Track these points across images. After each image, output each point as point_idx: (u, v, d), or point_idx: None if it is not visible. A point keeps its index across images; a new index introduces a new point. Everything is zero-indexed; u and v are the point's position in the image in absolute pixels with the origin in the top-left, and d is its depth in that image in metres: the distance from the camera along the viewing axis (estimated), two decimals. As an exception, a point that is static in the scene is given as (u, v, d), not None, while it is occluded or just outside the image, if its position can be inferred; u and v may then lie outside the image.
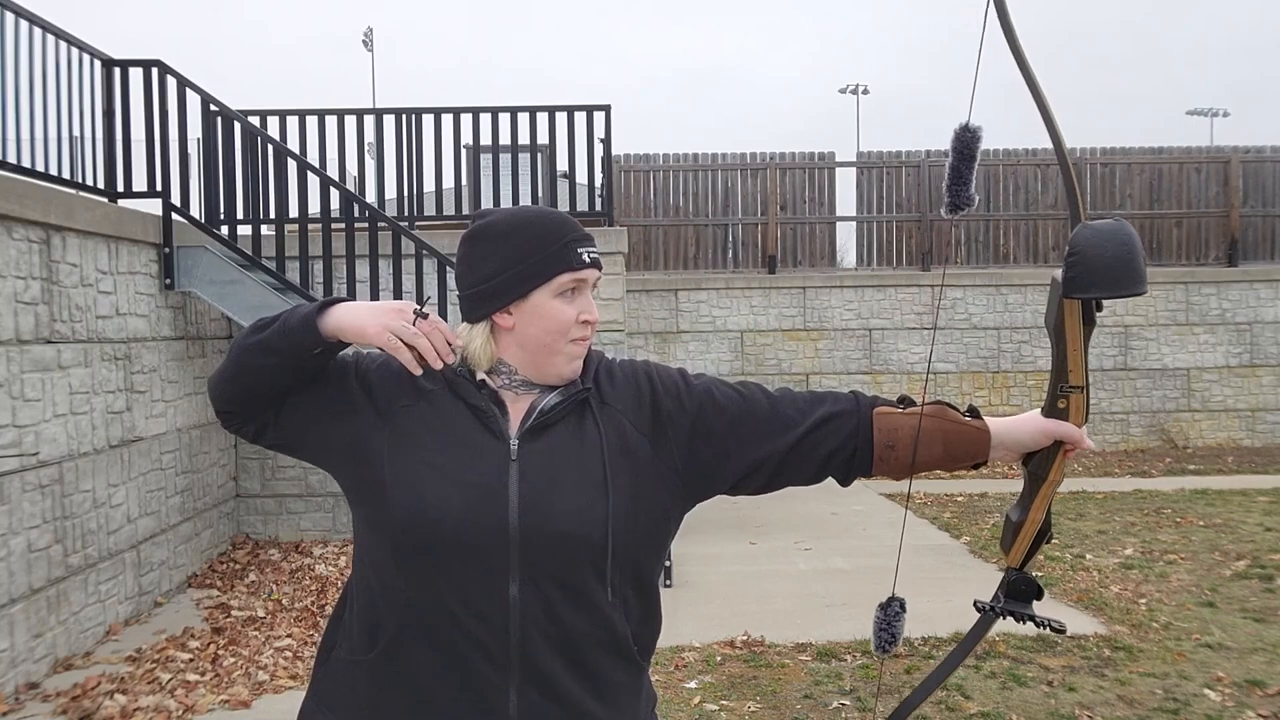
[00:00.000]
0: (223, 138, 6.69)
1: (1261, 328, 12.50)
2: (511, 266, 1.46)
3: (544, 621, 1.42)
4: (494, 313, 1.48)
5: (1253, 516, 8.16)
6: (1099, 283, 1.42)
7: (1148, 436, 12.44)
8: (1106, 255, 1.42)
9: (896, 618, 1.60)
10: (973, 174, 1.50)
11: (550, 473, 1.44)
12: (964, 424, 1.56)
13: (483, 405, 1.48)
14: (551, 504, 1.42)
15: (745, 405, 1.55)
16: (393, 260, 6.71)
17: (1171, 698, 4.36)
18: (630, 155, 12.70)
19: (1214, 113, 42.42)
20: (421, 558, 1.42)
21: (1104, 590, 6.04)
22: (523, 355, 1.49)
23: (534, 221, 1.49)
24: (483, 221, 1.52)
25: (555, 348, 1.48)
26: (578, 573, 1.43)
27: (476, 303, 1.50)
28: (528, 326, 1.47)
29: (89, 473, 5.30)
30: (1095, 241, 1.43)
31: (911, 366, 12.28)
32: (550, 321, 1.47)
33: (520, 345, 1.49)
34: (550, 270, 1.46)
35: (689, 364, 12.24)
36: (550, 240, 1.47)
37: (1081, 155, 12.98)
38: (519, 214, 1.51)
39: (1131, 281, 1.42)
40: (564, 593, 1.43)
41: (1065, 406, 1.51)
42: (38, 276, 4.90)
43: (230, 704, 4.44)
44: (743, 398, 1.56)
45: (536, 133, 7.73)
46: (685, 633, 5.27)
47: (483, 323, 1.49)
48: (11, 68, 5.25)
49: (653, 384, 1.55)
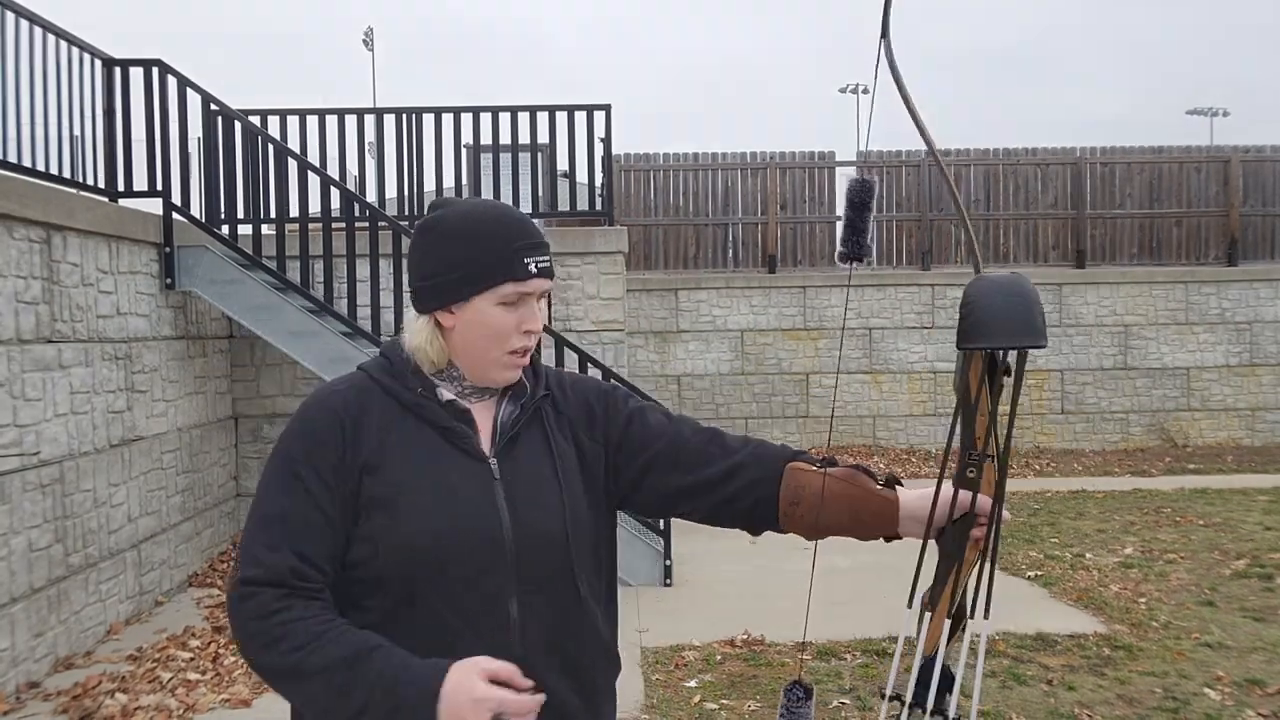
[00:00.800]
0: (223, 137, 6.69)
1: (1261, 327, 12.50)
2: (456, 268, 1.43)
3: (543, 637, 1.44)
4: (436, 310, 1.46)
5: (1252, 516, 8.16)
6: (990, 334, 1.34)
7: (1147, 436, 12.44)
8: (997, 305, 1.35)
9: (800, 705, 1.48)
10: (869, 224, 1.48)
11: (529, 487, 1.47)
12: (873, 492, 1.51)
13: (453, 426, 1.46)
14: (537, 518, 1.45)
15: (671, 432, 1.58)
16: (393, 260, 6.71)
17: (1171, 697, 4.36)
18: (630, 155, 12.70)
19: (1214, 113, 42.43)
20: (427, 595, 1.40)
21: (1104, 589, 6.05)
22: (462, 358, 1.48)
23: (484, 223, 1.44)
24: (436, 214, 1.48)
25: (491, 355, 1.46)
26: (566, 582, 1.47)
27: (421, 296, 1.47)
28: (467, 330, 1.45)
29: (90, 472, 5.31)
30: (987, 292, 1.37)
31: (911, 366, 12.28)
32: (489, 329, 1.44)
33: (459, 347, 1.47)
34: (493, 278, 1.42)
35: (689, 363, 12.25)
36: (498, 247, 1.43)
37: (1081, 155, 12.99)
38: (472, 213, 1.46)
39: (1026, 333, 1.34)
40: (557, 605, 1.46)
41: (975, 476, 1.41)
42: (38, 276, 4.90)
43: (231, 703, 4.44)
44: (670, 424, 1.59)
45: (537, 132, 7.73)
46: (685, 632, 5.27)
47: (426, 318, 1.47)
48: (12, 67, 5.25)
49: (600, 396, 1.60)
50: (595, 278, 7.81)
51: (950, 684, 1.37)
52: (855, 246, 1.48)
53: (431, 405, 1.46)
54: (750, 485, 1.54)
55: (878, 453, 11.90)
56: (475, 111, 7.78)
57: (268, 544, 1.38)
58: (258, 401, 7.53)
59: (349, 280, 6.62)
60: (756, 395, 12.31)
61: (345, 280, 6.67)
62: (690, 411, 12.25)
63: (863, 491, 1.52)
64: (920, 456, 11.69)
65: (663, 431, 1.57)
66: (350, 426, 1.43)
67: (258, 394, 7.53)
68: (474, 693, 1.27)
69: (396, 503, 1.40)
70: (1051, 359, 12.33)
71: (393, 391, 1.46)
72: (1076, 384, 12.40)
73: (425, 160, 7.78)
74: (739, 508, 1.55)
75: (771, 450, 1.58)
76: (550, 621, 1.45)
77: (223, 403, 7.31)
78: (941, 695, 1.36)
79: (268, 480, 1.43)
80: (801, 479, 1.53)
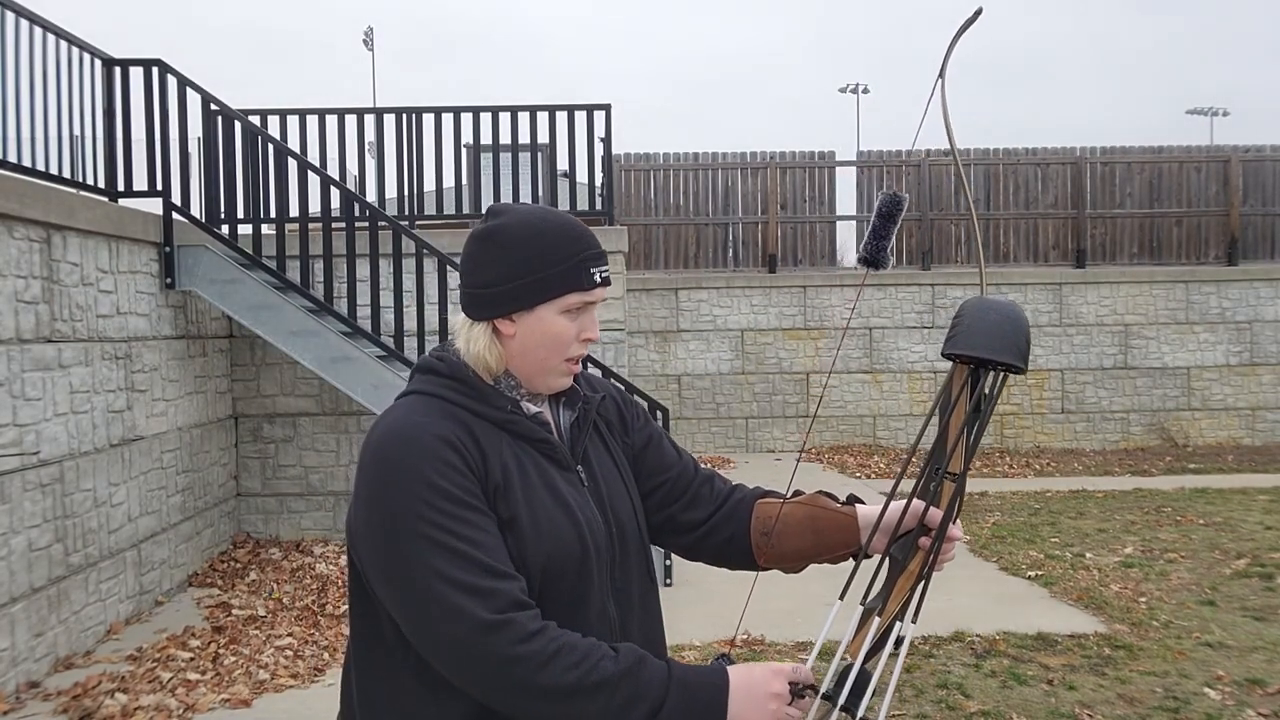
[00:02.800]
0: (223, 137, 6.69)
1: (1261, 326, 12.50)
2: (520, 276, 1.40)
3: (637, 632, 1.50)
4: (496, 317, 1.44)
5: (1253, 515, 8.16)
6: (976, 344, 1.39)
7: (1148, 435, 12.44)
8: (988, 321, 1.40)
9: None
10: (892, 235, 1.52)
11: (608, 488, 1.51)
12: (832, 509, 1.58)
13: (545, 438, 1.45)
14: (622, 516, 1.51)
15: (680, 467, 1.65)
16: (393, 259, 6.71)
17: (1172, 696, 4.36)
18: (631, 154, 12.71)
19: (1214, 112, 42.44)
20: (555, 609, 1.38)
21: (1104, 589, 6.04)
22: (519, 365, 1.46)
23: (549, 233, 1.42)
24: (497, 222, 1.44)
25: (551, 364, 1.45)
26: (645, 577, 1.55)
27: (480, 303, 1.44)
28: (528, 338, 1.43)
29: (90, 472, 5.31)
30: (981, 308, 1.43)
31: (911, 365, 12.28)
32: (551, 338, 1.43)
33: (518, 354, 1.45)
34: (560, 288, 1.41)
35: (690, 363, 12.25)
36: (564, 257, 1.41)
37: (1081, 155, 12.99)
38: (535, 221, 1.43)
39: (1009, 351, 1.38)
40: (639, 599, 1.53)
41: (937, 489, 1.45)
42: (38, 276, 4.90)
43: (231, 703, 4.44)
44: (679, 459, 1.66)
45: (537, 132, 7.73)
46: (685, 631, 5.27)
47: (484, 324, 1.45)
48: (12, 67, 5.25)
49: (627, 404, 1.65)
50: (595, 277, 7.79)
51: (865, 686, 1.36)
52: (875, 251, 1.51)
53: (522, 421, 1.44)
54: (725, 523, 1.63)
55: (878, 452, 11.90)
56: (475, 111, 7.77)
57: (485, 572, 1.29)
58: (258, 401, 7.53)
59: (349, 280, 6.62)
60: (756, 395, 12.31)
61: (345, 280, 6.67)
62: (690, 411, 12.25)
63: (822, 510, 1.58)
64: (920, 456, 11.66)
65: (673, 463, 1.64)
66: (473, 451, 1.37)
67: (258, 394, 7.53)
68: (770, 687, 1.31)
69: (524, 523, 1.37)
70: (1051, 358, 12.33)
71: (482, 414, 1.42)
72: (1077, 383, 12.40)
73: (425, 160, 7.78)
74: (712, 544, 1.64)
75: (747, 493, 1.66)
76: (639, 617, 1.52)
77: (223, 402, 7.31)
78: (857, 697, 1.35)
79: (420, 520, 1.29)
80: (768, 510, 1.61)
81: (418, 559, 1.28)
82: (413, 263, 6.68)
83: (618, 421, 1.61)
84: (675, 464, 1.64)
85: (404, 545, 1.30)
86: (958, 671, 4.69)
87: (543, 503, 1.40)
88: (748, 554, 1.61)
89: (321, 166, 7.14)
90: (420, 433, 1.35)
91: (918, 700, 4.35)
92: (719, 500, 1.64)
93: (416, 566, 1.28)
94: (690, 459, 1.68)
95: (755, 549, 1.59)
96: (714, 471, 1.70)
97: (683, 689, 1.29)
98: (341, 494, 7.55)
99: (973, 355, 1.40)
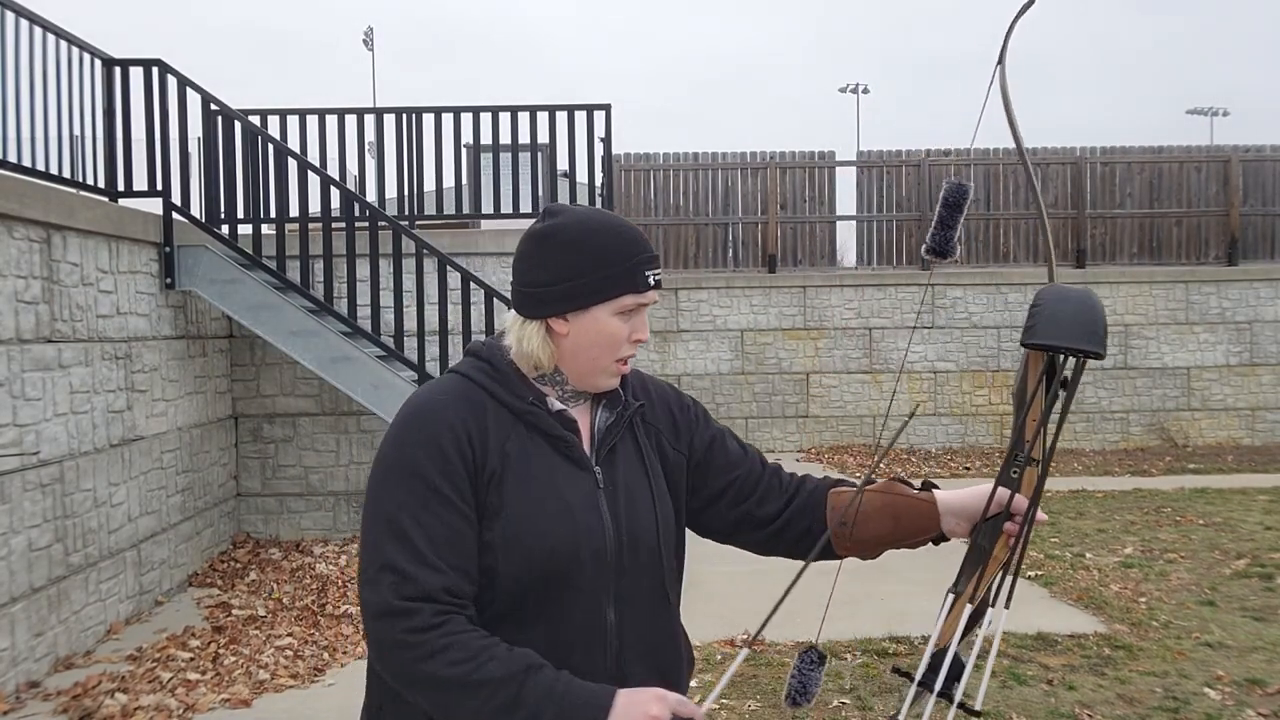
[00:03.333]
0: (223, 137, 6.69)
1: (1261, 326, 12.50)
2: (577, 277, 1.44)
3: (636, 641, 1.49)
4: (551, 316, 1.47)
5: (1253, 515, 8.16)
6: (1056, 334, 1.40)
7: (1147, 435, 12.44)
8: (1067, 310, 1.41)
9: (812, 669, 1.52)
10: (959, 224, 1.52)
11: (628, 497, 1.51)
12: (910, 496, 1.59)
13: (562, 435, 1.48)
14: (636, 528, 1.50)
15: (748, 463, 1.65)
16: (393, 259, 6.71)
17: (1171, 696, 4.36)
18: (630, 154, 12.71)
19: (1214, 112, 42.46)
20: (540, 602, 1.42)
21: (1104, 589, 6.04)
22: (570, 364, 1.49)
23: (606, 235, 1.46)
24: (554, 222, 1.48)
25: (602, 364, 1.49)
26: (658, 590, 1.54)
27: (535, 302, 1.48)
28: (581, 337, 1.46)
29: (89, 472, 5.31)
30: (1059, 297, 1.43)
31: (911, 365, 12.28)
32: (605, 338, 1.46)
33: (569, 353, 1.48)
34: (615, 289, 1.45)
35: (690, 363, 12.26)
36: (620, 259, 1.45)
37: (1081, 155, 12.99)
38: (591, 223, 1.47)
39: (1088, 339, 1.40)
40: (648, 611, 1.52)
41: (1018, 476, 1.47)
42: (38, 276, 4.90)
43: (231, 703, 4.44)
44: (745, 455, 1.66)
45: (537, 132, 7.73)
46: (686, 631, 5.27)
47: (538, 322, 1.48)
48: (12, 67, 5.25)
49: (683, 408, 1.65)
50: (595, 277, 7.80)
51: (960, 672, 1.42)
52: (943, 242, 1.52)
53: (542, 414, 1.47)
54: (800, 515, 1.63)
55: (878, 452, 11.90)
56: (475, 111, 7.77)
57: (414, 559, 1.35)
58: (258, 401, 7.53)
59: (349, 280, 6.62)
60: (756, 395, 12.31)
61: (345, 280, 6.67)
62: (690, 411, 12.24)
63: (900, 497, 1.59)
64: (920, 456, 11.70)
65: (740, 460, 1.64)
66: (476, 437, 1.42)
67: (258, 393, 7.53)
68: (649, 709, 1.32)
69: (517, 513, 1.41)
70: (1051, 359, 12.32)
71: (504, 400, 1.46)
72: (1076, 384, 12.38)
73: (425, 160, 7.78)
74: (789, 537, 1.64)
75: (818, 483, 1.66)
76: (644, 628, 1.51)
77: (223, 402, 7.31)
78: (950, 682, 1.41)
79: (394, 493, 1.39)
80: (842, 499, 1.61)
81: (374, 525, 1.39)
82: (413, 263, 6.68)
83: (669, 429, 1.61)
84: (742, 461, 1.64)
85: (370, 510, 1.41)
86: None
87: (539, 497, 1.43)
88: (826, 544, 1.58)
89: (321, 166, 7.14)
90: (432, 410, 1.44)
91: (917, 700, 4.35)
92: (790, 492, 1.64)
93: (371, 530, 1.39)
94: (757, 454, 1.67)
95: (834, 538, 1.58)
96: (779, 464, 1.70)
97: (560, 704, 1.31)
98: (341, 494, 7.55)
99: (1057, 345, 1.41)
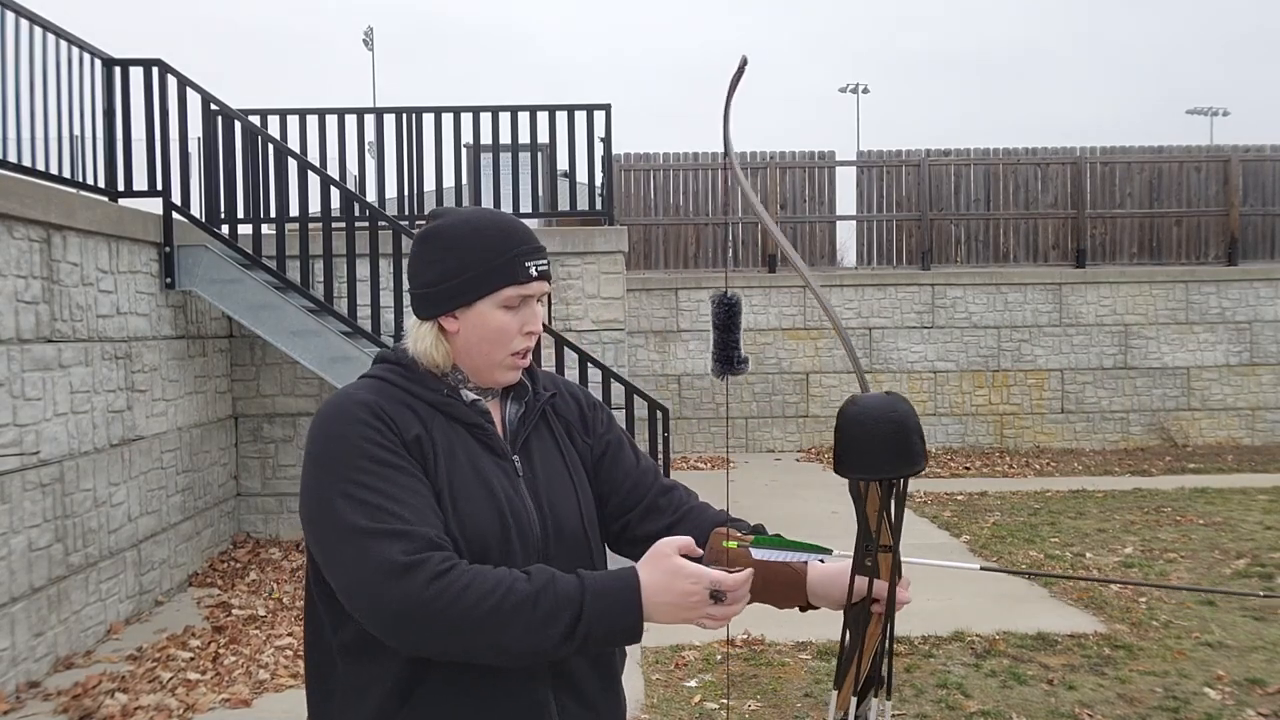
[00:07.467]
0: (223, 137, 6.69)
1: (1261, 326, 12.50)
2: (458, 274, 1.47)
3: None
4: (440, 316, 1.50)
5: (1252, 515, 8.17)
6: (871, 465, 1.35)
7: (1147, 435, 12.44)
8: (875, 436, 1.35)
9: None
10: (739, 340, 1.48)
11: (548, 484, 1.54)
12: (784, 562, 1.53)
13: (479, 423, 1.50)
14: (560, 513, 1.52)
15: (637, 476, 1.65)
16: (393, 259, 6.71)
17: (1171, 696, 4.36)
18: (630, 154, 12.71)
19: (1214, 112, 42.47)
20: None
21: (1104, 589, 6.05)
22: (465, 360, 1.52)
23: (485, 230, 1.49)
24: (436, 223, 1.52)
25: (496, 358, 1.51)
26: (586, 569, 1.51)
27: (426, 303, 1.51)
28: (471, 334, 1.49)
29: (90, 472, 5.31)
30: (857, 420, 1.36)
31: (911, 365, 12.28)
32: (493, 332, 1.49)
33: (463, 350, 1.51)
34: (495, 282, 1.47)
35: (689, 363, 12.26)
36: (499, 252, 1.48)
37: (1081, 155, 12.99)
38: (471, 220, 1.51)
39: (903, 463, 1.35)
40: None
41: (873, 565, 1.44)
42: (38, 276, 4.90)
43: (231, 703, 4.44)
44: (638, 468, 1.66)
45: (536, 132, 7.73)
46: (685, 631, 5.27)
47: (430, 323, 1.51)
48: (12, 67, 5.25)
49: (590, 405, 1.68)
50: (595, 277, 7.81)
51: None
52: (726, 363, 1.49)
53: (458, 404, 1.50)
54: None
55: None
56: (475, 111, 7.78)
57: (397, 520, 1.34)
58: (258, 401, 7.53)
59: (349, 280, 6.62)
60: (756, 395, 12.31)
61: (345, 280, 6.67)
62: (690, 411, 12.26)
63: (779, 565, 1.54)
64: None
65: (632, 471, 1.65)
66: (400, 423, 1.43)
67: (258, 393, 7.53)
68: (683, 570, 1.33)
69: (447, 497, 1.43)
70: (1051, 359, 12.33)
71: (419, 395, 1.48)
72: (1076, 383, 12.40)
73: (425, 160, 7.79)
74: None
75: (704, 515, 1.63)
76: None
77: (223, 402, 7.31)
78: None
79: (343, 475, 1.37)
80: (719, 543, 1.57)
81: (339, 516, 1.35)
82: (413, 263, 6.67)
83: (577, 421, 1.64)
84: (634, 472, 1.65)
85: (327, 505, 1.36)
86: (957, 671, 4.70)
87: (465, 482, 1.45)
88: None
89: (321, 166, 7.14)
90: (349, 403, 1.44)
91: (918, 700, 4.35)
92: (674, 517, 1.62)
93: (339, 522, 1.35)
94: (651, 467, 1.67)
95: None
96: (676, 483, 1.69)
97: (598, 595, 1.32)
98: (341, 494, 7.54)
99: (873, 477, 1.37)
